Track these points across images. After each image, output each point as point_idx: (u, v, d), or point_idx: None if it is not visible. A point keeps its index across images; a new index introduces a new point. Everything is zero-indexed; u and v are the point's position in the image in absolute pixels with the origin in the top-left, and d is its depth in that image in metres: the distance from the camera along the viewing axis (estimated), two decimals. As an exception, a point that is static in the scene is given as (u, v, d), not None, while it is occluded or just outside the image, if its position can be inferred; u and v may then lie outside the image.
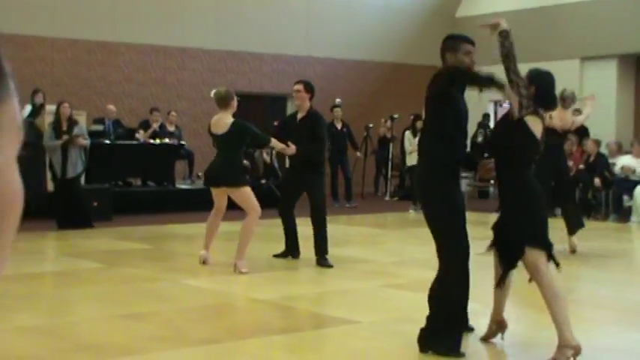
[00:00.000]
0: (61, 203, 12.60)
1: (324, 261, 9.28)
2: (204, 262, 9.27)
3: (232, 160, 8.90)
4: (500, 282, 5.65)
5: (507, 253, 5.56)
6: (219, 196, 9.10)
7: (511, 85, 5.42)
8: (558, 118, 10.28)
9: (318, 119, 9.60)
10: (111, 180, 15.37)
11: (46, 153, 12.73)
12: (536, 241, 5.41)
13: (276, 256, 9.84)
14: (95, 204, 13.83)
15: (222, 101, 8.93)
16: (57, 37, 17.98)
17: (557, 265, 5.50)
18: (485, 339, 5.93)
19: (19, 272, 8.89)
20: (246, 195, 8.90)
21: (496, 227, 5.71)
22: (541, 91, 5.55)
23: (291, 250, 9.82)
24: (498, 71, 5.62)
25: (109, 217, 13.81)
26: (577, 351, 5.23)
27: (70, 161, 12.47)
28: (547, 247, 5.43)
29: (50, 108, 14.47)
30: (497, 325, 5.88)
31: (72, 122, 12.61)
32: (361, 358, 5.72)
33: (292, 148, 9.20)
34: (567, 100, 10.56)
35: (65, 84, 17.91)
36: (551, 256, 5.43)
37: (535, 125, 5.45)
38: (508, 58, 5.50)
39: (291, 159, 9.95)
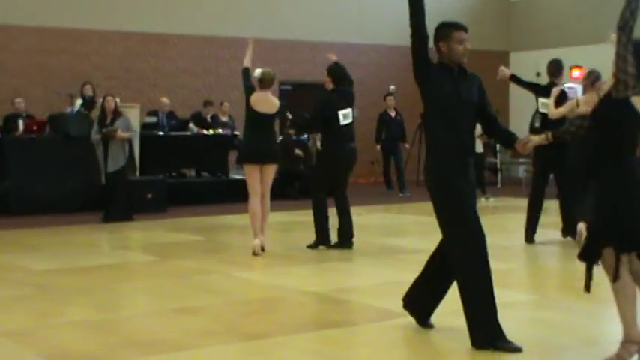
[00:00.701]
0: (106, 196, 12.66)
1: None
2: (261, 249, 9.24)
3: (274, 138, 9.45)
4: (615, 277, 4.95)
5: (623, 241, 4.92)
6: (257, 176, 9.17)
7: (618, 60, 4.91)
8: None
9: (319, 99, 9.84)
10: (165, 172, 15.41)
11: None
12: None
13: (330, 246, 9.71)
14: (149, 196, 13.88)
15: (271, 81, 9.34)
16: (110, 30, 18.06)
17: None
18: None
19: (73, 265, 8.94)
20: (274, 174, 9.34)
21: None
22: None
23: (341, 238, 9.73)
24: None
25: (163, 208, 13.85)
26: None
27: (110, 155, 12.44)
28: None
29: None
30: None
31: (116, 115, 12.57)
32: (417, 353, 5.58)
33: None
34: None
35: (119, 77, 18.00)
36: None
37: None
38: (625, 27, 4.87)
39: None
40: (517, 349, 5.29)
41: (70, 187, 13.60)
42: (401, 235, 11.17)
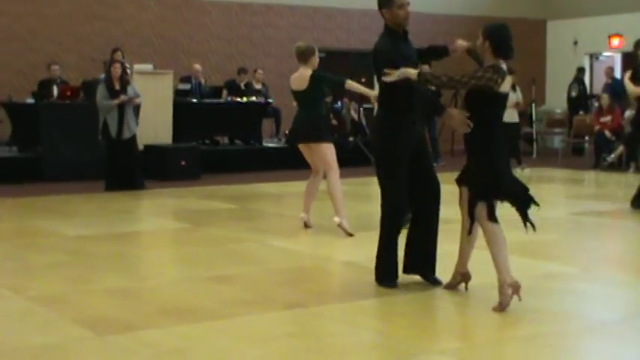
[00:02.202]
0: (112, 165, 12.39)
1: None
2: (305, 226, 9.06)
3: (315, 115, 8.66)
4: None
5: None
6: (309, 154, 8.87)
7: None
8: None
9: None
10: (198, 139, 15.39)
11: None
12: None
13: None
14: (183, 163, 13.87)
15: (302, 56, 8.65)
16: (143, -4, 18.00)
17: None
18: (449, 287, 6.07)
19: (108, 232, 8.93)
20: (327, 152, 8.63)
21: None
22: (495, 43, 5.57)
23: None
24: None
25: (197, 175, 13.84)
26: (515, 287, 5.46)
27: (125, 122, 12.32)
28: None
29: (138, 67, 14.52)
30: (462, 276, 6.03)
31: (124, 81, 12.43)
32: (452, 327, 5.50)
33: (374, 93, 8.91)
34: None
35: (152, 43, 17.95)
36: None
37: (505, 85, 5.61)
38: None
39: None
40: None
41: (102, 154, 13.58)
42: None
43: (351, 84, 8.73)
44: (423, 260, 6.22)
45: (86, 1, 17.42)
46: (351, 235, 8.45)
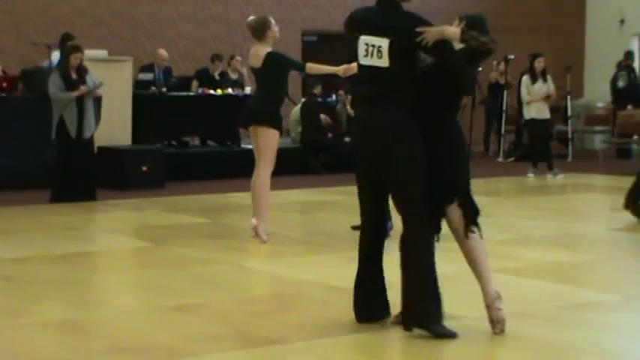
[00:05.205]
0: (64, 171, 12.32)
1: None
2: (256, 234, 9.25)
3: (269, 97, 9.17)
4: None
5: None
6: (255, 140, 9.29)
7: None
8: None
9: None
10: (163, 139, 15.39)
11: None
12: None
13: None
14: (144, 168, 13.87)
15: (256, 32, 9.20)
16: (97, -33, 18.02)
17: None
18: None
19: (50, 253, 8.93)
20: (271, 140, 9.13)
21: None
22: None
23: None
24: None
25: (160, 184, 13.83)
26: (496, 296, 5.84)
27: (85, 118, 12.28)
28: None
29: (90, 53, 14.50)
30: None
31: (82, 70, 12.38)
32: (464, 365, 5.50)
33: (342, 68, 9.14)
34: None
35: (107, 23, 17.98)
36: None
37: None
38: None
39: None
40: None
41: (47, 157, 13.52)
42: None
43: (313, 67, 9.32)
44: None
45: (26, -30, 17.44)
46: (264, 242, 9.01)
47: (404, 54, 5.80)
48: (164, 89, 16.06)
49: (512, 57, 18.34)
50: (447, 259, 6.35)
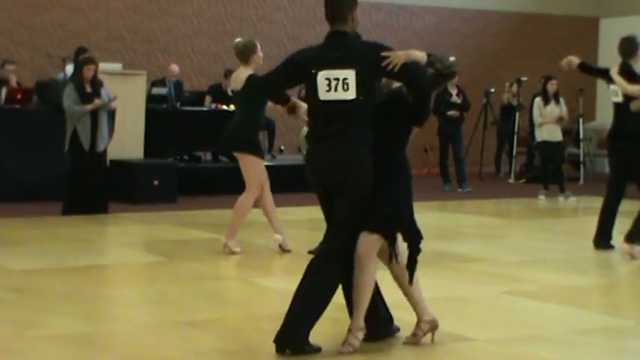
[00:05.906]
0: (77, 183, 12.37)
1: None
2: (282, 249, 9.51)
3: (246, 122, 9.23)
4: None
5: None
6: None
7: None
8: None
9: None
10: (175, 154, 15.39)
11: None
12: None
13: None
14: (156, 182, 13.87)
15: (241, 54, 9.29)
16: (113, -18, 18.07)
17: None
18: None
19: (62, 265, 8.95)
20: (250, 167, 9.30)
21: None
22: None
23: None
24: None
25: (172, 198, 13.84)
26: (433, 325, 6.16)
27: (99, 131, 12.31)
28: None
29: (104, 66, 14.53)
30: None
31: (97, 84, 12.42)
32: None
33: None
34: None
35: (122, 37, 17.99)
36: None
37: None
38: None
39: None
40: None
41: (61, 169, 13.53)
42: (459, 239, 11.04)
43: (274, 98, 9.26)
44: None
45: (42, -16, 17.50)
46: (289, 250, 9.49)
47: (370, 83, 5.82)
48: (178, 104, 16.10)
49: (524, 79, 18.38)
50: (456, 280, 6.33)
